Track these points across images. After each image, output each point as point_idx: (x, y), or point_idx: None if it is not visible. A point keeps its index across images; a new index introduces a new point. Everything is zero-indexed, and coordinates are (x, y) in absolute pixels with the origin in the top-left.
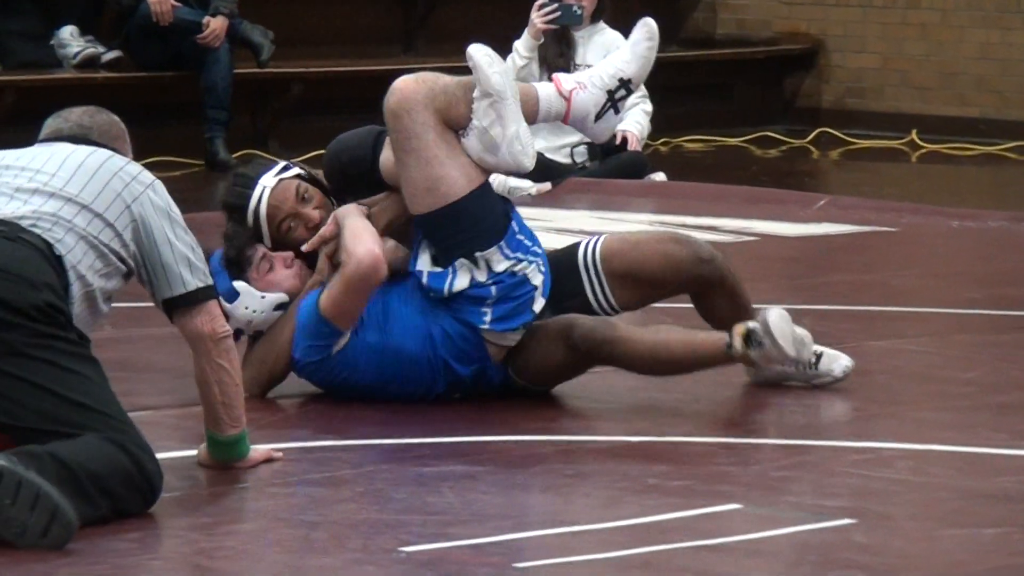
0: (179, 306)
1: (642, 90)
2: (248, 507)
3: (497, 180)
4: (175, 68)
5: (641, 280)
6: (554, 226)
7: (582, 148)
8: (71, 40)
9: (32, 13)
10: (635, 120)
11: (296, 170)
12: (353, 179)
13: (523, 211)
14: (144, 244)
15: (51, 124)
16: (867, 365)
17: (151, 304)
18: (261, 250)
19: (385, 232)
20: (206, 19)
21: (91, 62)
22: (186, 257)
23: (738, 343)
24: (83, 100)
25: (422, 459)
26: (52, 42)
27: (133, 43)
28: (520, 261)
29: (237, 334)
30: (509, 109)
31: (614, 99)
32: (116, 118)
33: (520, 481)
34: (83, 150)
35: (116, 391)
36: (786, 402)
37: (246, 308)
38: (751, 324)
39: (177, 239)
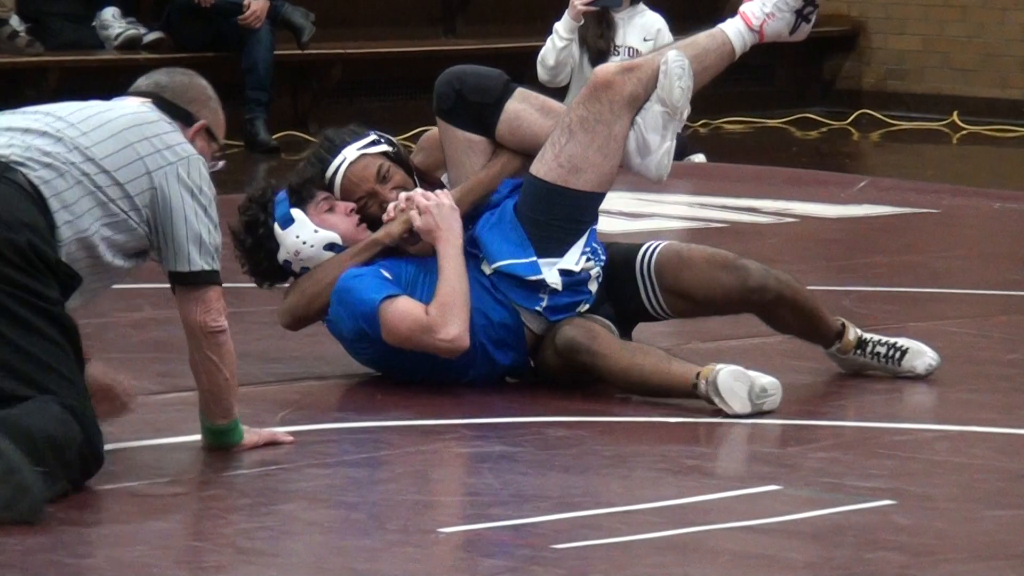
0: (180, 283)
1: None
2: (288, 488)
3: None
4: (216, 49)
5: (689, 298)
6: None
7: None
8: (113, 22)
9: None
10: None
11: (383, 146)
12: (466, 106)
13: None
14: (160, 213)
15: (137, 82)
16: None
17: None
18: (324, 193)
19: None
20: (246, 1)
21: (132, 43)
22: (199, 236)
23: (702, 386)
24: (124, 81)
25: (461, 440)
26: (94, 23)
27: (174, 24)
28: (591, 260)
29: (285, 268)
30: (674, 126)
31: (803, 15)
32: (200, 81)
33: (559, 462)
34: (121, 109)
35: (154, 371)
36: (825, 385)
37: (297, 237)
38: (712, 373)
39: (196, 217)
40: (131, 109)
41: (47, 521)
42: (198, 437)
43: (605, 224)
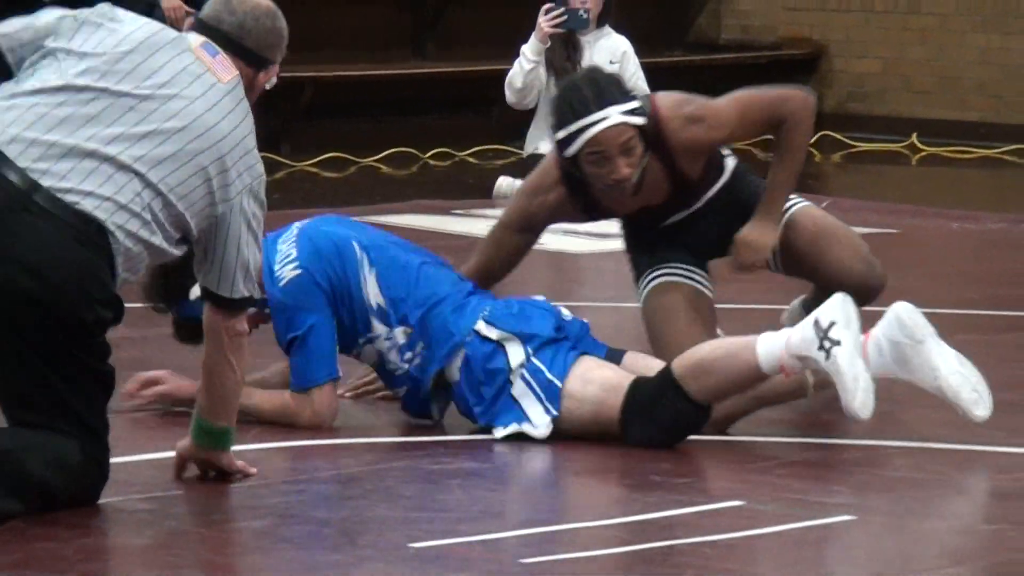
0: (219, 305)
1: (648, 92)
2: (259, 503)
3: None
4: None
5: (807, 267)
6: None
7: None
8: None
9: None
10: None
11: (641, 119)
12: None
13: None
14: (214, 237)
15: (215, 7)
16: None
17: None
18: None
19: None
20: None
21: None
22: (247, 264)
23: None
24: None
25: (431, 457)
26: None
27: None
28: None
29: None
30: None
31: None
32: (281, 22)
33: (526, 479)
34: (206, 130)
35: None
36: (787, 404)
37: None
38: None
39: (247, 246)
40: (213, 117)
41: (21, 537)
42: (170, 454)
43: (570, 244)
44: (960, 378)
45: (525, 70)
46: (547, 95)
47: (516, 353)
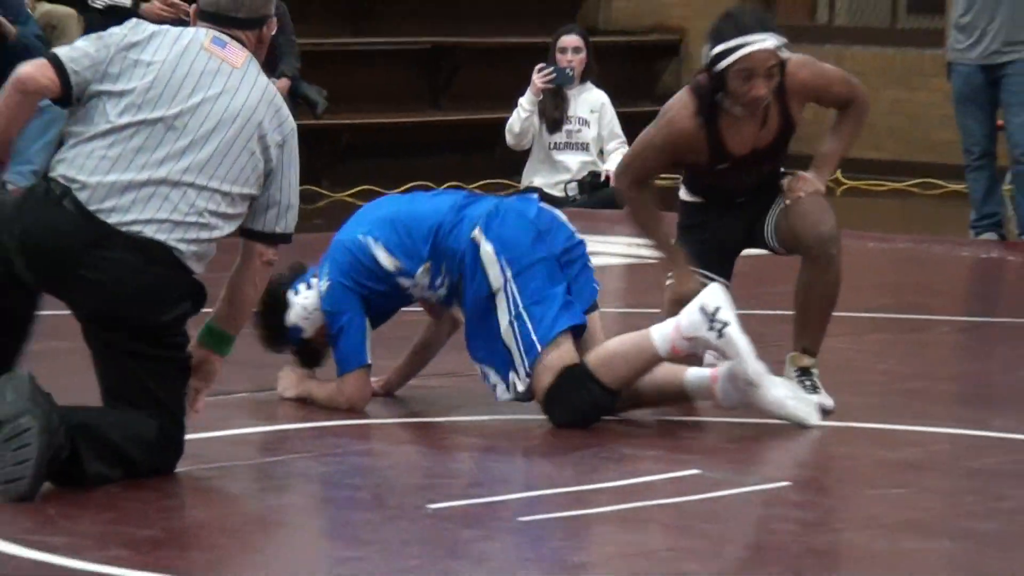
0: (265, 239)
1: (623, 139)
2: (308, 473)
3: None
4: None
5: (792, 239)
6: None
7: (574, 184)
8: None
9: None
10: (616, 162)
11: (785, 55)
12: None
13: None
14: (266, 189)
15: None
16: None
17: None
18: None
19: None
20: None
21: None
22: (289, 205)
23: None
24: None
25: (445, 434)
26: None
27: None
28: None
29: (293, 333)
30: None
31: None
32: None
33: (524, 452)
34: (233, 116)
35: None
36: None
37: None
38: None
39: (289, 187)
40: (238, 98)
41: (113, 498)
42: (232, 432)
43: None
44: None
45: (522, 118)
46: (539, 139)
47: (496, 278)
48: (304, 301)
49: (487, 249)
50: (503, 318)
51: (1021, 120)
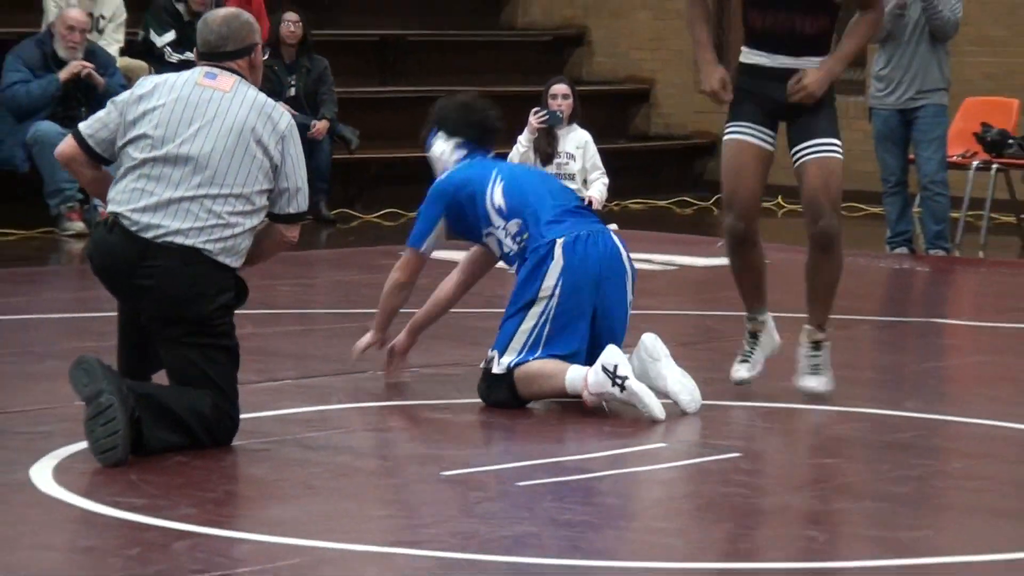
0: (284, 219)
1: (603, 170)
2: (341, 445)
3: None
4: None
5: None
6: None
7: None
8: None
9: None
10: (597, 189)
11: None
12: None
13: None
14: (276, 180)
15: (201, 35)
16: (726, 341)
17: (280, 311)
18: None
19: None
20: (314, 122)
21: None
22: (299, 189)
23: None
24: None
25: (455, 415)
26: None
27: None
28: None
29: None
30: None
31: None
32: (241, 18)
33: (522, 429)
34: (227, 132)
35: (254, 368)
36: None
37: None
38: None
39: (295, 174)
40: (229, 126)
41: (178, 466)
42: (280, 412)
43: None
44: (680, 386)
45: (520, 152)
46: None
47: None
48: (443, 150)
49: (558, 262)
50: (531, 320)
51: (928, 155)
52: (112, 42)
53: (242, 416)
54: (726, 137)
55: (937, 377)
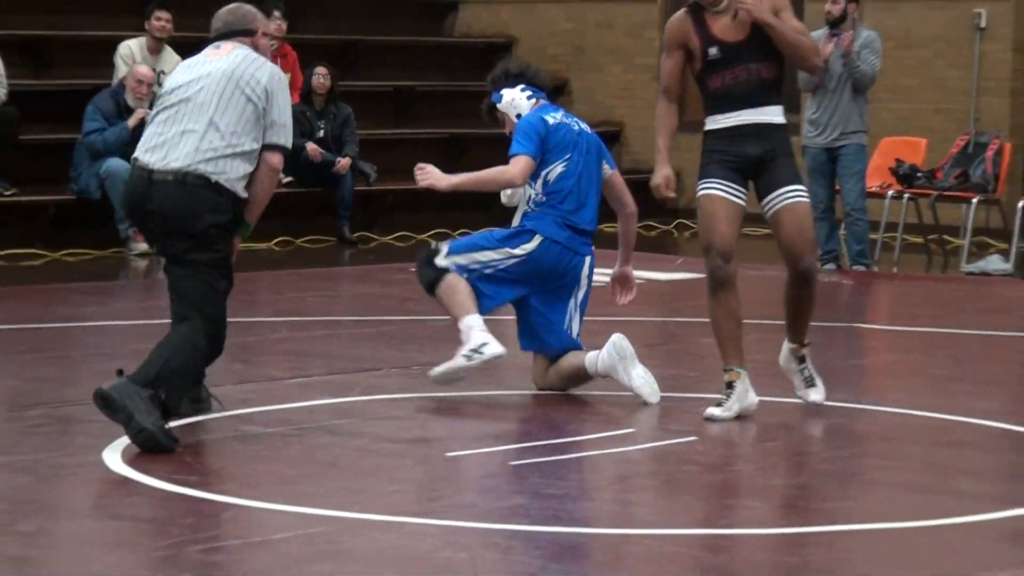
0: (272, 148)
1: None
2: (359, 430)
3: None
4: (321, 186)
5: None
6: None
7: None
8: None
9: None
10: None
11: None
12: None
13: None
14: (267, 116)
15: (214, 24)
16: (701, 350)
17: (309, 318)
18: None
19: None
20: (338, 159)
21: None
22: (286, 124)
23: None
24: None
25: (458, 405)
26: None
27: (301, 171)
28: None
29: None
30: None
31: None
32: (245, 8)
33: (515, 417)
34: (220, 78)
35: (287, 366)
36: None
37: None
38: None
39: (282, 114)
40: (222, 72)
41: (227, 448)
42: (308, 403)
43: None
44: (641, 380)
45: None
46: (524, 198)
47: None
48: (513, 96)
49: (529, 246)
50: (490, 254)
51: (851, 186)
52: None
53: (277, 407)
54: (700, 194)
55: (860, 373)
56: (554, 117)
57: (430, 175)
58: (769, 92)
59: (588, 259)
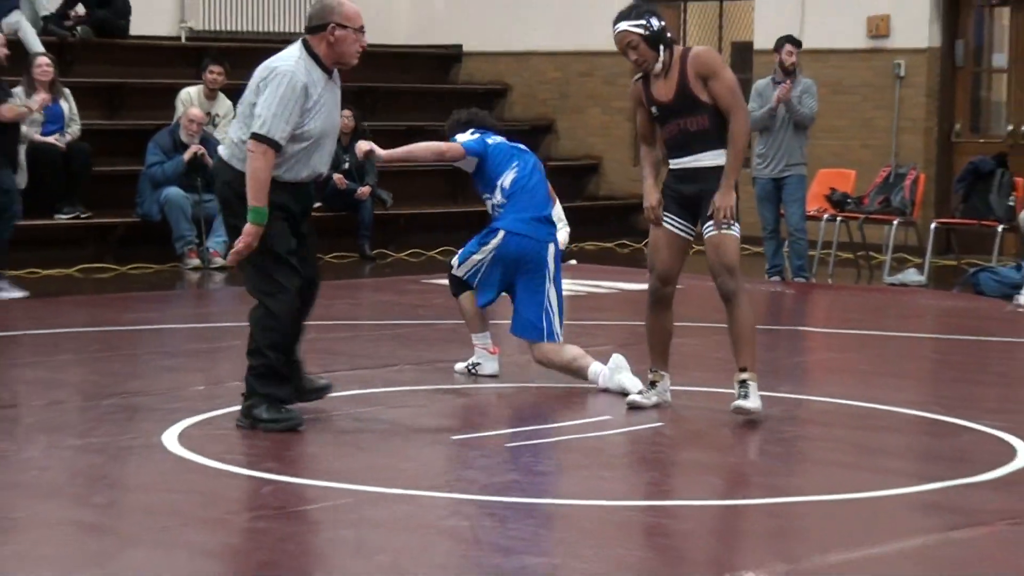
0: (254, 136)
1: (565, 221)
2: (376, 418)
3: None
4: (345, 211)
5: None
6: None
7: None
8: None
9: None
10: (562, 234)
11: (639, 30)
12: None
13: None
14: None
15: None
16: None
17: (336, 321)
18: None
19: None
20: (359, 188)
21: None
22: (265, 117)
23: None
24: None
25: (461, 396)
26: None
27: (328, 198)
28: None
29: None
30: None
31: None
32: (324, 2)
33: (510, 406)
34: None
35: (318, 362)
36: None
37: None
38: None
39: (268, 106)
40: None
41: (268, 432)
42: (337, 395)
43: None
44: (631, 382)
45: None
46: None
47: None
48: (462, 139)
49: (496, 241)
50: (480, 255)
51: (794, 211)
52: (223, 133)
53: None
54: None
55: (801, 369)
56: (493, 139)
57: (372, 145)
58: (700, 141)
59: (551, 245)
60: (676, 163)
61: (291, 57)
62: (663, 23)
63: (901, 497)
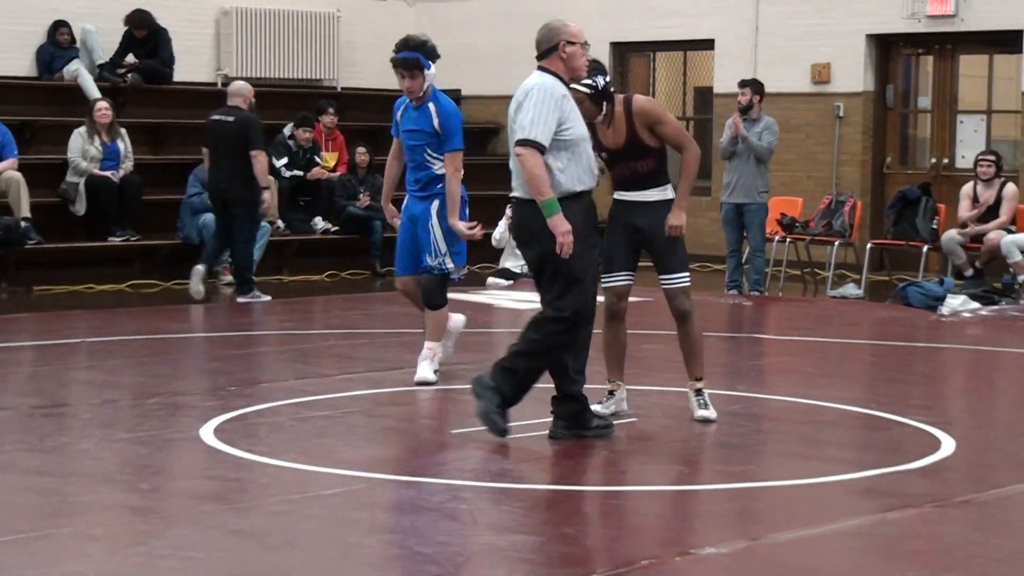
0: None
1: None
2: (387, 415)
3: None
4: (360, 233)
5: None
6: (508, 298)
7: (525, 266)
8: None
9: None
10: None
11: (586, 90)
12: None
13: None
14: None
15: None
16: (640, 354)
17: (351, 330)
18: None
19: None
20: (360, 196)
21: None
22: (524, 125)
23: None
24: (324, 244)
25: (460, 396)
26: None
27: (343, 224)
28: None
29: None
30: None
31: None
32: (548, 25)
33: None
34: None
35: (335, 365)
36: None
37: None
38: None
39: (527, 111)
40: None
41: (290, 426)
42: (351, 393)
43: (513, 306)
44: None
45: (502, 229)
46: (509, 240)
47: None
48: (433, 73)
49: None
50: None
51: (755, 234)
52: None
53: (328, 396)
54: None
55: (757, 370)
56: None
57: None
58: (649, 180)
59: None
60: (624, 195)
61: (540, 78)
62: (608, 80)
63: (843, 483)
